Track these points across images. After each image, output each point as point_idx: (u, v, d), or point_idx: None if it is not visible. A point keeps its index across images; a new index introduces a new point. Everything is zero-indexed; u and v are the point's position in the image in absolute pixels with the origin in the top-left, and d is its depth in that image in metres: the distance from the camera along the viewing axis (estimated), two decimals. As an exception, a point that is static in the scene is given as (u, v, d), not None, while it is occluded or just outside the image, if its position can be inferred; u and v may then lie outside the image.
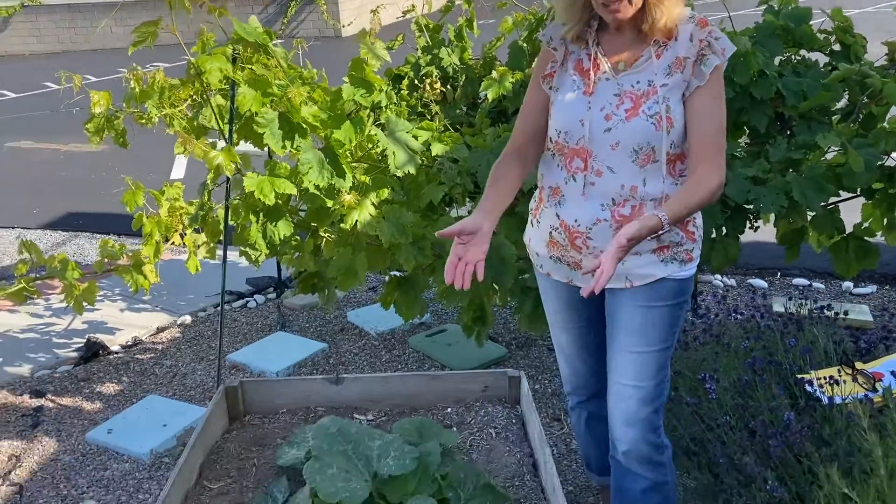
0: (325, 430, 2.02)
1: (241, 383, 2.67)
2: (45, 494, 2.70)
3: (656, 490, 1.94)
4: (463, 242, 1.85)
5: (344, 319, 4.20)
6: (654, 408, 1.91)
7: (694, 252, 1.92)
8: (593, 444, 2.30)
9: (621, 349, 1.94)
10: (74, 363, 3.75)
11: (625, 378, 1.93)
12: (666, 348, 1.91)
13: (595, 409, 2.23)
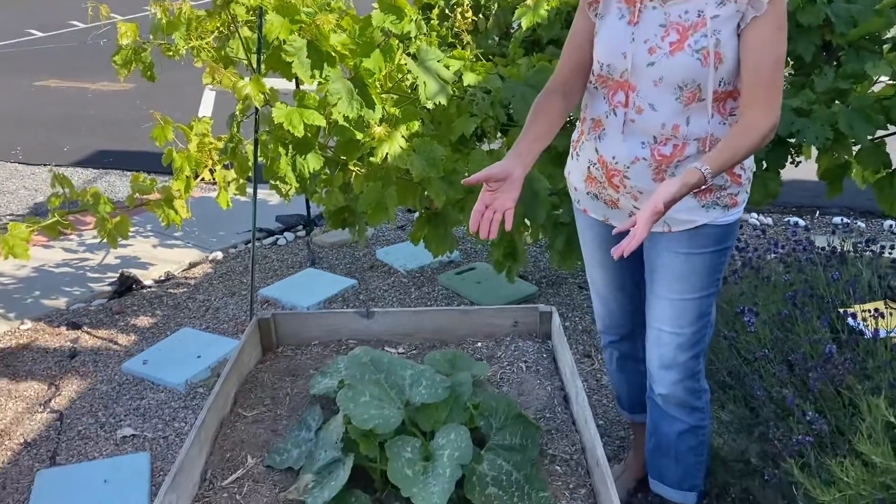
0: (357, 359, 2.02)
1: (273, 315, 2.69)
2: (84, 422, 2.76)
3: (692, 434, 1.90)
4: (491, 189, 1.76)
5: (373, 257, 4.20)
6: (694, 353, 1.85)
7: (739, 196, 1.81)
8: (625, 384, 2.28)
9: (660, 295, 1.87)
10: (109, 297, 3.80)
11: (663, 324, 1.87)
12: (707, 295, 1.83)
13: (627, 350, 2.19)
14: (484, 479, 1.79)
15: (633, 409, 2.29)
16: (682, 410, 1.89)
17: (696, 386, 1.86)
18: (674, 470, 1.91)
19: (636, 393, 2.26)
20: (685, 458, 1.88)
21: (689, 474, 1.90)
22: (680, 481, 1.91)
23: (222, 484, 2.00)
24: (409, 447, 1.78)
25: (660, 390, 1.91)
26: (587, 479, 1.94)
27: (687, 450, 1.88)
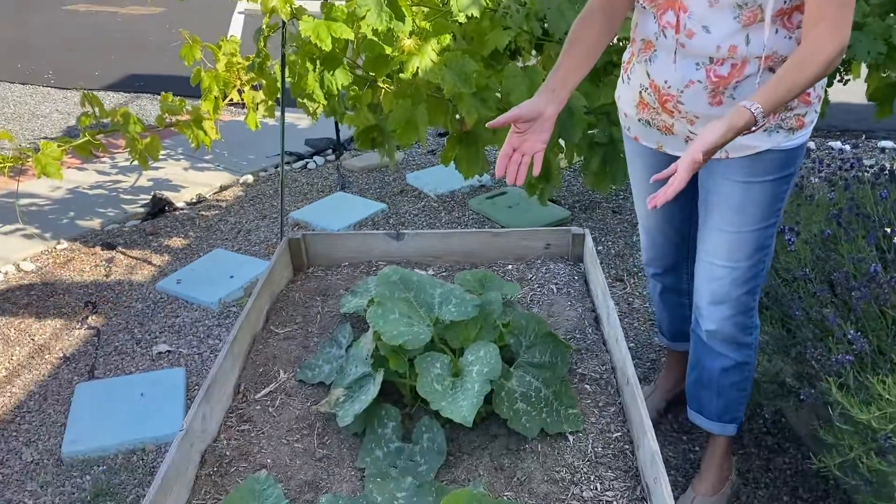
0: (387, 277, 2.01)
1: (303, 236, 2.68)
2: (120, 338, 2.82)
3: (738, 370, 1.82)
4: (520, 131, 1.62)
5: (403, 182, 4.16)
6: (749, 288, 1.72)
7: (808, 116, 1.63)
8: (666, 314, 2.23)
9: (714, 227, 1.72)
10: (142, 218, 3.84)
11: (716, 257, 1.73)
12: (767, 226, 1.67)
13: (670, 283, 2.13)
14: (512, 394, 1.79)
15: (674, 337, 2.25)
16: (729, 346, 1.79)
17: (747, 321, 1.75)
18: (715, 403, 1.86)
19: (678, 323, 2.22)
20: (727, 393, 1.82)
21: (730, 407, 1.85)
22: (720, 414, 1.87)
23: (255, 397, 2.03)
24: (438, 363, 1.78)
25: (707, 326, 1.80)
26: (617, 397, 1.93)
27: (730, 385, 1.82)
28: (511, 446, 1.79)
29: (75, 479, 2.13)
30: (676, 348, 2.26)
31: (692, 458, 2.13)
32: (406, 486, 1.53)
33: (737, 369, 1.81)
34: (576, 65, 1.67)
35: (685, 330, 2.18)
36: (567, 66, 1.66)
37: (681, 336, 2.22)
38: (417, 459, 1.74)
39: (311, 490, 1.72)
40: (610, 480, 1.69)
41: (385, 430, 1.81)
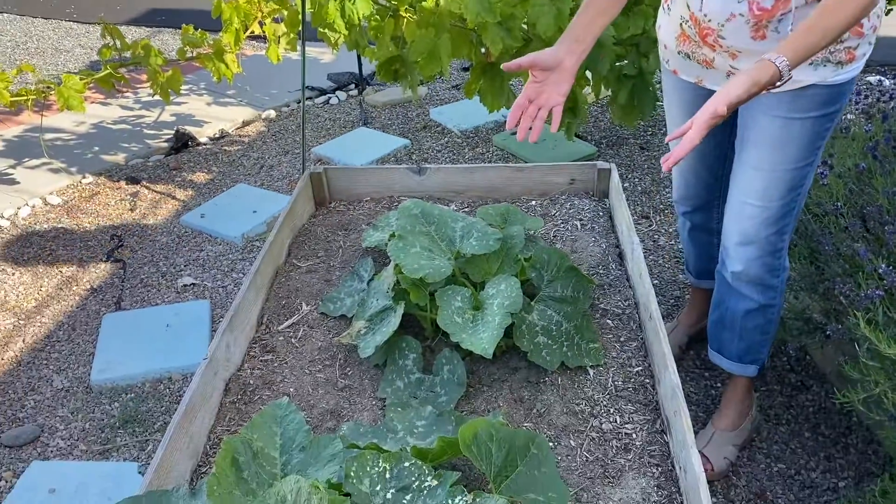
0: (408, 211, 1.99)
1: (325, 170, 2.66)
2: (146, 271, 2.85)
3: (761, 312, 1.77)
4: (538, 81, 1.51)
5: (426, 117, 4.10)
6: (778, 228, 1.65)
7: (859, 49, 1.51)
8: (694, 252, 2.19)
9: (749, 164, 1.64)
10: (165, 153, 3.84)
11: (748, 196, 1.65)
12: (804, 166, 1.58)
13: (700, 222, 2.08)
14: (533, 328, 1.78)
15: (700, 275, 2.22)
16: (755, 288, 1.73)
17: (775, 263, 1.69)
18: (736, 344, 1.83)
19: (705, 262, 2.18)
20: (749, 335, 1.79)
21: (751, 349, 1.82)
22: (741, 355, 1.84)
23: (278, 328, 2.05)
24: (458, 296, 1.77)
25: (733, 267, 1.74)
26: (639, 332, 1.92)
27: (753, 328, 1.78)
28: (531, 379, 1.80)
29: (104, 406, 2.19)
30: (702, 286, 2.23)
31: (713, 394, 2.13)
32: (426, 415, 1.54)
33: (760, 312, 1.77)
34: (601, 9, 1.57)
35: (712, 268, 2.14)
36: (590, 14, 1.56)
37: (707, 274, 2.19)
38: (437, 390, 1.75)
39: (333, 418, 1.75)
40: (630, 413, 1.70)
41: (406, 361, 1.83)
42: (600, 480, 1.53)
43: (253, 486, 1.28)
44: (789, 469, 1.90)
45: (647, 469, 1.56)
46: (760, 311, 1.77)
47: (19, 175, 3.60)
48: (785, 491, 1.84)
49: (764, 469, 1.90)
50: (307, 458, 1.31)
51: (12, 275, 2.83)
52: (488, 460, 1.28)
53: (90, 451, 2.05)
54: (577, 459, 1.58)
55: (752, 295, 1.75)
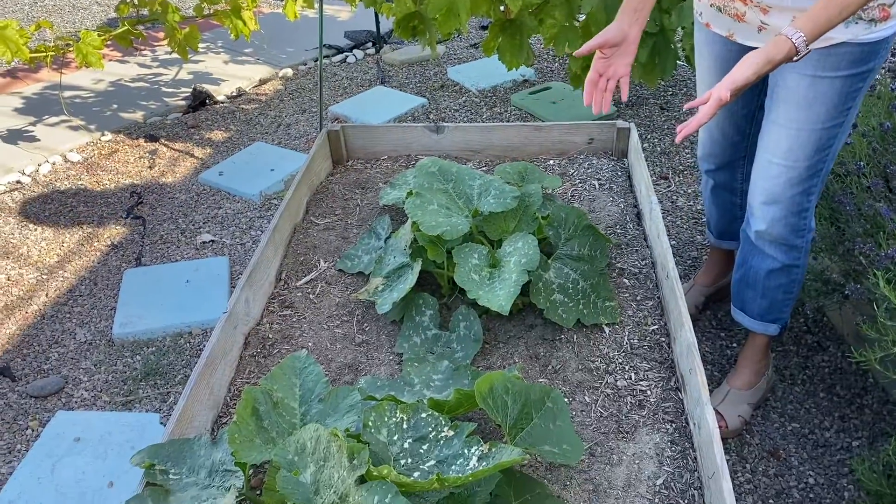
0: (425, 168, 1.99)
1: (342, 128, 2.66)
2: (165, 228, 2.88)
3: (784, 272, 1.76)
4: (606, 56, 1.59)
5: (444, 76, 4.07)
6: (804, 189, 1.63)
7: (894, 7, 1.47)
8: (716, 212, 2.17)
9: (776, 122, 1.63)
10: (183, 111, 3.84)
11: (775, 154, 1.64)
12: (833, 126, 1.56)
13: (723, 181, 2.05)
14: (550, 285, 1.79)
15: (721, 235, 2.20)
16: (778, 248, 1.72)
17: (800, 223, 1.68)
18: (758, 303, 1.82)
19: (726, 222, 2.16)
20: (772, 294, 1.78)
21: (773, 308, 1.81)
22: (763, 314, 1.83)
23: (296, 284, 2.07)
24: (475, 254, 1.78)
25: (757, 226, 1.73)
26: (656, 291, 1.92)
27: (776, 287, 1.77)
28: (546, 336, 1.81)
29: (126, 359, 2.23)
30: (722, 246, 2.22)
31: (728, 354, 2.13)
32: (442, 369, 1.56)
33: (783, 272, 1.76)
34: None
35: (733, 229, 2.13)
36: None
37: (728, 235, 2.18)
38: (454, 346, 1.77)
39: (350, 372, 1.78)
40: (645, 371, 1.71)
41: (423, 317, 1.84)
42: (614, 435, 1.55)
43: (273, 434, 1.31)
44: (803, 428, 1.91)
45: (661, 425, 1.57)
46: (784, 271, 1.76)
47: (39, 132, 3.62)
48: (798, 449, 1.85)
49: (778, 428, 1.91)
50: (326, 408, 1.34)
51: (34, 230, 2.87)
52: (504, 413, 1.30)
53: (113, 402, 2.10)
54: (591, 415, 1.60)
55: (775, 255, 1.75)
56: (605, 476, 1.46)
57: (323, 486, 1.09)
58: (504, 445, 1.14)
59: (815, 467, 1.81)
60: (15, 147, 3.47)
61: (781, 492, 1.76)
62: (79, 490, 1.81)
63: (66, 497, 1.79)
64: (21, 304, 2.50)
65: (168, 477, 1.34)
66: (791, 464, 1.82)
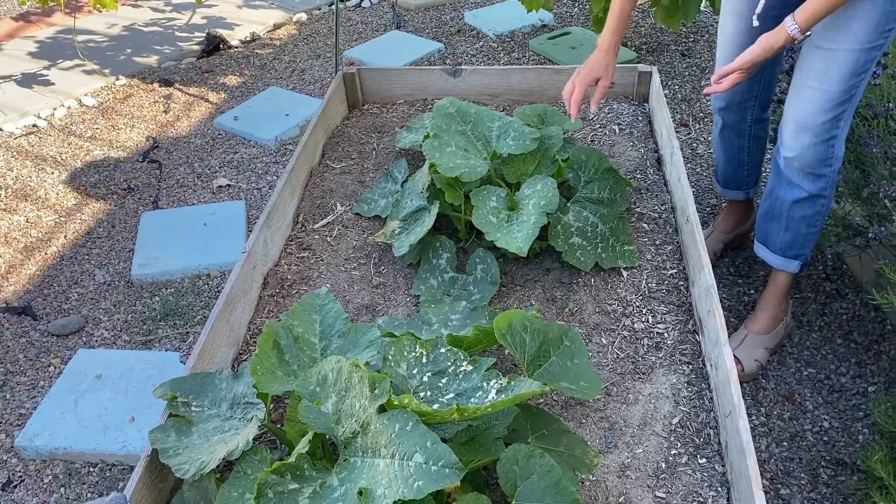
0: (443, 109, 1.97)
1: (358, 71, 2.63)
2: (181, 171, 2.88)
3: (810, 203, 1.74)
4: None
5: (461, 21, 4.00)
6: (835, 115, 1.60)
7: None
8: (723, 156, 2.14)
9: (812, 42, 1.61)
10: (197, 56, 3.80)
11: (809, 77, 1.62)
12: (870, 48, 1.53)
13: (732, 121, 2.01)
14: (568, 228, 1.78)
15: (727, 183, 2.17)
16: (805, 177, 1.70)
17: (828, 151, 1.65)
18: (781, 236, 1.81)
19: (732, 168, 2.13)
20: (796, 227, 1.76)
21: (796, 243, 1.79)
22: (785, 249, 1.81)
23: (314, 227, 2.08)
24: (494, 196, 1.77)
25: (786, 153, 1.71)
26: (675, 236, 1.91)
27: (800, 218, 1.74)
28: (564, 280, 1.81)
29: (145, 300, 2.25)
30: (727, 195, 2.20)
31: (745, 300, 2.12)
32: (460, 309, 1.57)
33: (809, 202, 1.74)
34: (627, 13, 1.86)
35: (739, 176, 2.10)
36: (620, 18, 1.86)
37: (734, 183, 2.15)
38: (471, 289, 1.77)
39: (368, 312, 1.79)
40: (662, 314, 1.71)
41: (440, 260, 1.84)
42: (630, 376, 1.56)
43: (294, 367, 1.32)
44: (819, 374, 1.91)
45: (678, 367, 1.58)
46: (809, 202, 1.74)
47: (54, 76, 3.60)
48: (813, 394, 1.86)
49: (794, 373, 1.92)
50: (346, 343, 1.35)
51: (51, 174, 2.87)
52: (522, 349, 1.30)
53: (133, 341, 2.12)
54: (608, 356, 1.61)
55: (801, 184, 1.72)
56: (620, 415, 1.48)
57: (344, 415, 1.10)
58: (522, 379, 1.15)
59: (829, 411, 1.81)
60: (30, 91, 3.46)
61: (795, 435, 1.77)
62: (101, 424, 1.84)
63: (89, 430, 1.83)
64: (40, 245, 2.52)
65: (191, 409, 1.36)
66: (806, 408, 1.83)
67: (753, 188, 2.12)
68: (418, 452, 1.00)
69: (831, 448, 1.74)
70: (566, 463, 1.25)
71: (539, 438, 1.28)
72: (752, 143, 2.02)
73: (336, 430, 1.11)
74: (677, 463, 1.37)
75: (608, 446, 1.40)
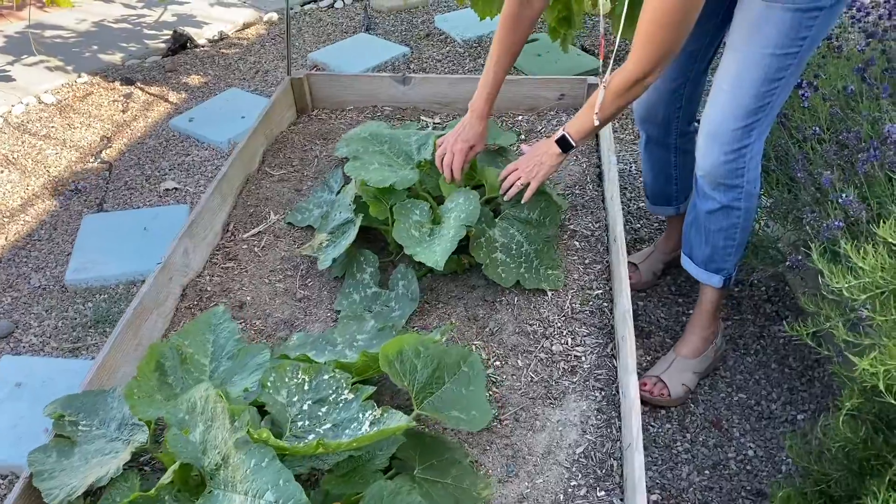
0: (357, 136, 1.95)
1: (307, 76, 2.59)
2: (131, 173, 2.84)
3: (723, 214, 1.70)
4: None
5: (431, 25, 3.95)
6: (746, 124, 1.58)
7: None
8: (649, 170, 2.08)
9: (731, 46, 1.59)
10: (163, 54, 3.76)
11: (723, 80, 1.60)
12: (782, 55, 1.49)
13: (656, 135, 1.97)
14: (493, 242, 1.74)
15: (655, 199, 2.13)
16: (717, 188, 1.67)
17: (738, 163, 1.61)
18: (702, 249, 1.78)
19: (661, 184, 2.08)
20: (713, 239, 1.73)
21: (716, 255, 1.75)
22: (706, 261, 1.78)
23: (243, 236, 2.03)
24: (417, 210, 1.73)
25: (700, 162, 1.68)
26: (605, 255, 1.87)
27: (717, 230, 1.71)
28: (488, 298, 1.77)
29: (78, 306, 2.21)
30: (656, 211, 2.16)
31: (684, 321, 2.08)
32: (368, 329, 1.53)
33: (722, 213, 1.70)
34: (501, 79, 1.83)
35: (668, 191, 2.06)
36: (494, 84, 1.83)
37: (663, 199, 2.11)
38: (392, 305, 1.73)
39: (286, 328, 1.75)
40: (582, 336, 1.67)
41: (364, 275, 1.81)
42: (542, 401, 1.52)
43: (177, 391, 1.28)
44: (749, 399, 1.87)
45: (591, 392, 1.54)
46: (723, 213, 1.70)
47: (16, 72, 3.56)
48: (741, 420, 1.82)
49: (724, 398, 1.88)
50: (234, 366, 1.31)
51: (1, 172, 2.84)
52: (412, 377, 1.27)
53: (61, 348, 2.08)
54: (521, 379, 1.57)
55: (713, 194, 1.69)
56: (526, 442, 1.44)
57: (210, 445, 1.07)
58: (394, 412, 1.11)
59: (756, 439, 1.78)
60: (-10, 87, 3.42)
61: (718, 463, 1.73)
62: (15, 435, 1.81)
63: (1, 441, 1.79)
64: (-19, 246, 2.48)
65: (77, 429, 1.32)
66: (732, 435, 1.79)
67: (684, 203, 2.07)
68: (270, 491, 0.96)
69: (753, 478, 1.70)
70: (451, 496, 1.21)
71: (426, 469, 1.24)
72: (679, 157, 1.98)
73: (203, 460, 1.08)
74: (576, 495, 1.33)
75: (509, 475, 1.37)
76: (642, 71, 1.49)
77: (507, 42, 1.78)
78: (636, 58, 1.49)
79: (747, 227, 1.71)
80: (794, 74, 1.54)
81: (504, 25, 1.76)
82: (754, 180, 1.65)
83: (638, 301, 2.15)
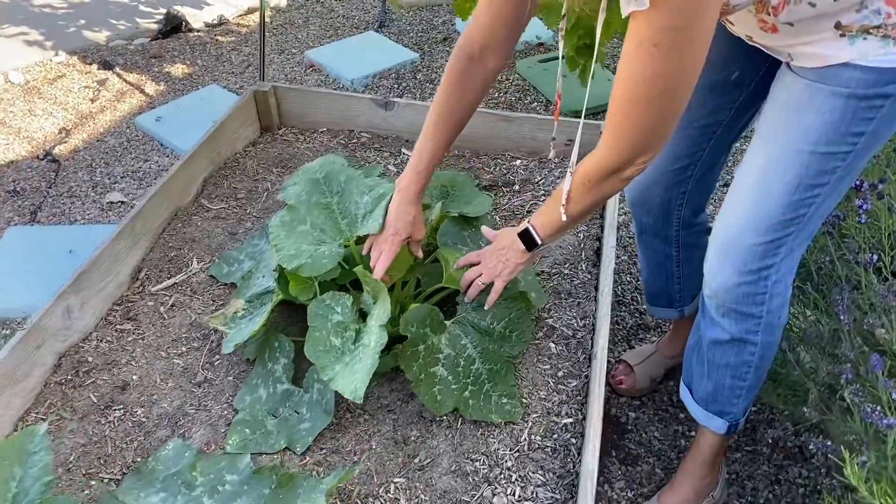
0: (310, 173, 1.56)
1: (273, 88, 2.22)
2: (79, 177, 2.51)
3: (733, 348, 1.30)
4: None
5: (451, 27, 3.55)
6: (772, 239, 1.17)
7: None
8: (645, 266, 1.68)
9: (758, 134, 1.19)
10: (152, 36, 3.42)
11: (745, 177, 1.19)
12: (829, 154, 1.09)
13: (652, 224, 1.56)
14: (435, 353, 1.36)
15: (654, 299, 1.71)
16: (727, 315, 1.27)
17: (758, 285, 1.20)
18: (704, 383, 1.37)
19: (660, 282, 1.65)
20: (718, 375, 1.33)
21: (719, 395, 1.35)
22: (707, 400, 1.38)
23: (152, 289, 1.68)
24: (339, 307, 1.35)
25: (708, 281, 1.28)
26: (585, 368, 1.47)
27: (723, 366, 1.31)
28: (425, 414, 1.39)
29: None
30: (657, 314, 1.74)
31: (682, 444, 1.69)
32: (241, 469, 1.17)
33: (732, 347, 1.29)
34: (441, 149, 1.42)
35: (669, 291, 1.64)
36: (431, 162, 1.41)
37: (663, 299, 1.67)
38: (302, 412, 1.37)
39: (169, 426, 1.38)
40: (535, 486, 1.29)
41: (276, 364, 1.44)
42: (462, 589, 1.15)
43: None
44: (752, 568, 1.47)
45: (530, 582, 1.16)
46: (732, 347, 1.29)
47: (-7, 43, 3.27)
48: None
49: (719, 562, 1.48)
50: (24, 532, 0.96)
51: (-56, 160, 2.54)
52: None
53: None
54: (442, 549, 1.19)
55: (722, 322, 1.28)
56: None
57: None
58: None
59: None
60: (-42, 58, 3.13)
61: None
62: None
63: None
64: None
65: None
66: None
67: (690, 305, 1.65)
68: None
69: None
70: None
71: None
72: (683, 252, 1.56)
73: None
74: None
75: None
76: (615, 161, 1.09)
77: (449, 105, 1.36)
78: (605, 143, 1.11)
79: (763, 366, 1.29)
80: (844, 181, 1.12)
81: (447, 83, 1.35)
82: (778, 309, 1.23)
83: (629, 412, 1.76)
